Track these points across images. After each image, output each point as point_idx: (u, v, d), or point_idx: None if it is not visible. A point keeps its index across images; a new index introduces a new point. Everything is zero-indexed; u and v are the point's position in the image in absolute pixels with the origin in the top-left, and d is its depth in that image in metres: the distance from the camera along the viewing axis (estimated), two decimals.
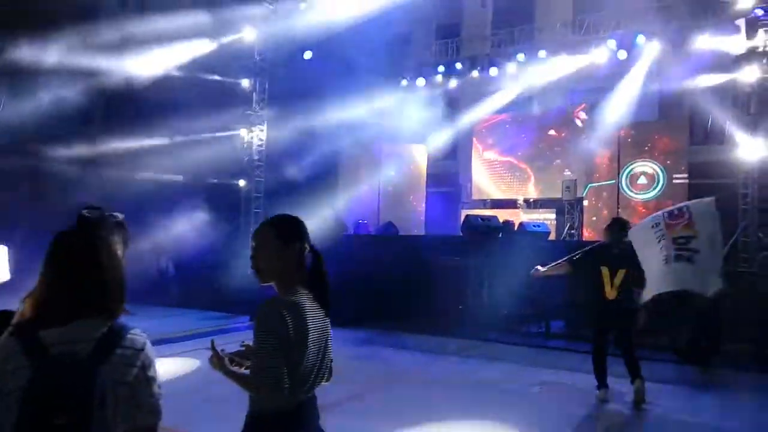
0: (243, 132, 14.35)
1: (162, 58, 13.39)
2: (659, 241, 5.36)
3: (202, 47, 13.77)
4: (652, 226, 5.54)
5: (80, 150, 14.28)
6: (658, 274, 5.27)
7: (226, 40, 13.90)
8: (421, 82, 14.77)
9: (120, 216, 2.31)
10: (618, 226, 5.86)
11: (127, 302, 1.66)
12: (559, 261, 6.06)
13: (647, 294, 5.30)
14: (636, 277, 5.44)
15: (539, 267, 6.10)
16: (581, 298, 6.09)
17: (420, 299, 9.65)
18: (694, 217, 5.39)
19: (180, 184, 15.93)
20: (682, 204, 5.91)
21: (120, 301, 1.64)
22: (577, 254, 5.99)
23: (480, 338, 8.64)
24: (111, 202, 2.51)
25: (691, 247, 5.21)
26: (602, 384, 5.80)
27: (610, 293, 5.57)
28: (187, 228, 12.94)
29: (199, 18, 13.21)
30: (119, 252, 1.66)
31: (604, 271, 5.59)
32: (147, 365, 1.59)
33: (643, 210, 13.57)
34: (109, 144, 14.34)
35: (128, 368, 1.54)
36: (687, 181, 13.71)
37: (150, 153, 14.43)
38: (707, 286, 5.16)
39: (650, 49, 12.69)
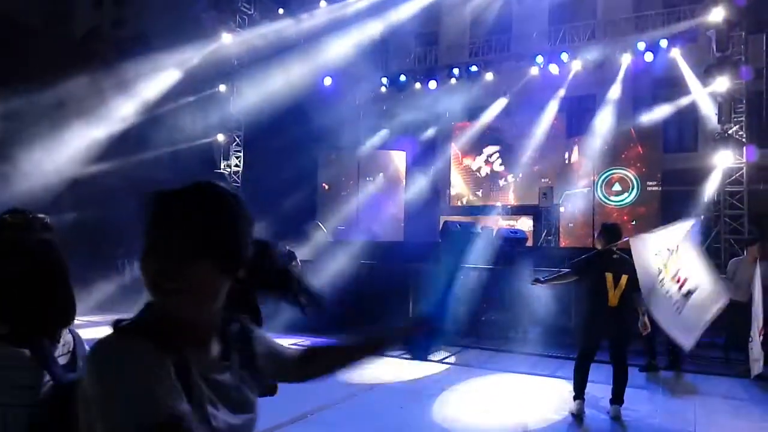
0: (220, 137, 14.23)
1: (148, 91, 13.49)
2: (662, 285, 4.99)
3: (176, 75, 13.71)
4: (656, 254, 5.15)
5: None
6: (682, 320, 4.94)
7: (205, 50, 13.80)
8: (400, 88, 14.82)
9: (46, 217, 2.07)
10: (613, 232, 5.67)
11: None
12: (560, 272, 5.94)
13: (687, 339, 4.92)
14: (635, 281, 5.24)
15: (539, 279, 6.03)
16: (582, 305, 5.98)
17: (398, 306, 9.63)
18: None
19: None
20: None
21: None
22: (577, 261, 5.80)
23: (458, 345, 8.65)
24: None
25: (683, 281, 4.96)
26: (579, 395, 5.59)
27: (613, 300, 5.42)
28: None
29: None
30: None
31: (608, 277, 5.43)
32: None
33: (618, 216, 13.78)
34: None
35: (88, 377, 1.45)
36: (660, 188, 13.98)
37: (128, 161, 14.23)
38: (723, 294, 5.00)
39: (624, 58, 12.93)
